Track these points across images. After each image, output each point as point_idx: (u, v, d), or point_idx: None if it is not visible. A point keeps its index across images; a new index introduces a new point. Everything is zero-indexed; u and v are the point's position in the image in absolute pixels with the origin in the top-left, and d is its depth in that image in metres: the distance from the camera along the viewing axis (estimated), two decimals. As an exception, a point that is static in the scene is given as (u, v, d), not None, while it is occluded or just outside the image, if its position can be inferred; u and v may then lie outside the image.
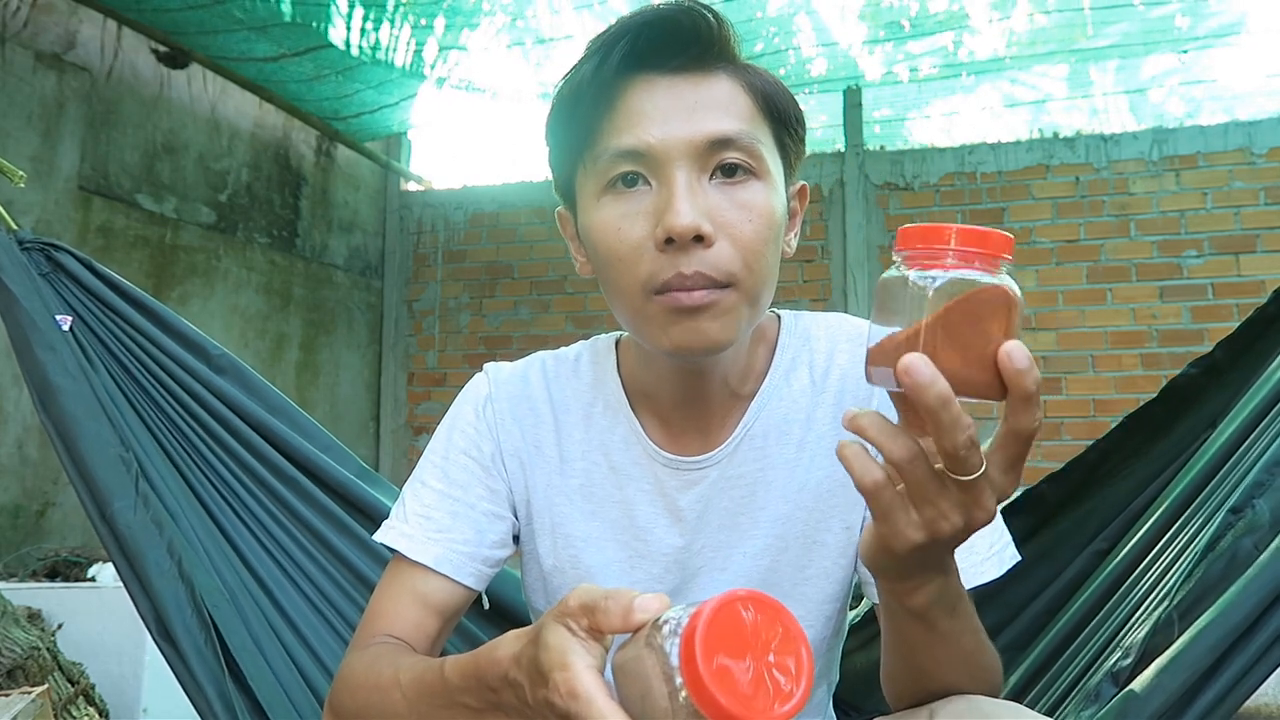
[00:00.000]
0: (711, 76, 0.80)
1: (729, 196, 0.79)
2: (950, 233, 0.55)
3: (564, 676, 0.54)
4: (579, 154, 0.83)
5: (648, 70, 0.80)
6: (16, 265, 1.33)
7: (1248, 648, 0.82)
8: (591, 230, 0.82)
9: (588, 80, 0.79)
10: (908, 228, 0.57)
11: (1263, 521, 0.91)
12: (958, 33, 3.98)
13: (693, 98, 0.79)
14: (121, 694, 2.31)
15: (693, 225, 0.75)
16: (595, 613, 0.56)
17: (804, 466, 0.89)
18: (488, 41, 3.95)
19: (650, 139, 0.78)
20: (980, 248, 0.55)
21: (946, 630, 0.69)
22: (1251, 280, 4.15)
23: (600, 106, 0.80)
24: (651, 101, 0.79)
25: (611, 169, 0.79)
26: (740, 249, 0.78)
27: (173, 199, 3.88)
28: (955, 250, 0.55)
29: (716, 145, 0.78)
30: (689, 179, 0.77)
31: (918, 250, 0.57)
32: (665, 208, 0.77)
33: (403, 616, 0.88)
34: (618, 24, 0.80)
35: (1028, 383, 0.54)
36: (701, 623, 0.50)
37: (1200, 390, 1.30)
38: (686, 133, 0.78)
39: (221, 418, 1.39)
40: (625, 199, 0.80)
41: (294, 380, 4.56)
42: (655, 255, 0.77)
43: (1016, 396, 0.55)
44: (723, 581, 0.90)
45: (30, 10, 3.28)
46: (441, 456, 0.95)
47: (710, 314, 0.78)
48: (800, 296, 4.70)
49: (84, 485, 1.23)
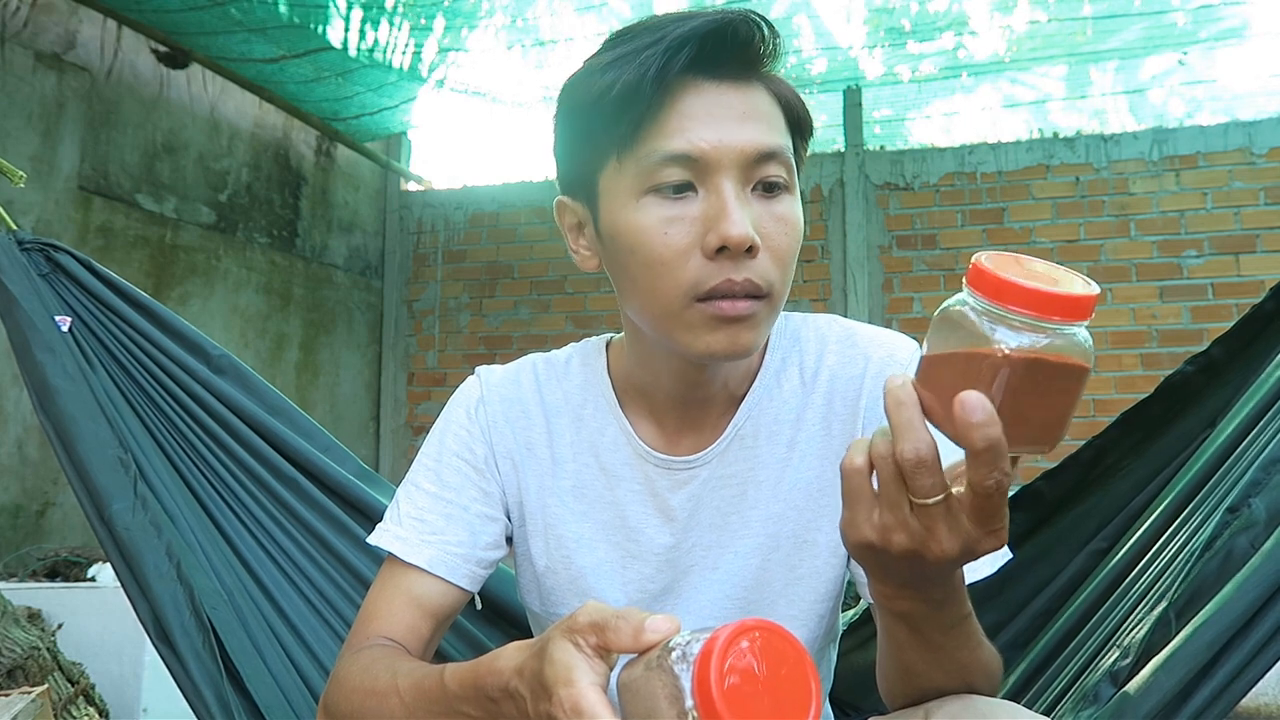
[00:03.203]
0: (752, 87, 0.81)
1: (768, 209, 0.80)
2: (1045, 297, 0.52)
3: (569, 693, 0.54)
4: (613, 151, 0.81)
5: (696, 75, 0.79)
6: (16, 266, 1.33)
7: (1243, 645, 0.82)
8: (628, 231, 0.80)
9: (645, 78, 0.77)
10: (1000, 278, 0.52)
11: (1259, 520, 0.91)
12: (958, 33, 3.98)
13: (741, 107, 0.79)
14: (121, 694, 2.32)
15: (748, 237, 0.76)
16: (605, 631, 0.56)
17: (794, 466, 0.90)
18: (487, 43, 3.96)
19: (704, 144, 0.77)
20: (1065, 316, 0.52)
21: (938, 643, 0.70)
22: (1251, 280, 4.15)
23: (652, 107, 0.78)
24: (703, 107, 0.78)
25: (658, 171, 0.78)
26: (777, 261, 0.80)
27: (173, 199, 3.89)
28: (1040, 314, 0.52)
29: (763, 158, 0.79)
30: (736, 189, 0.78)
31: (1010, 307, 0.53)
32: (719, 217, 0.77)
33: (397, 618, 0.88)
34: (672, 25, 0.78)
35: (977, 438, 0.52)
36: (718, 648, 0.51)
37: (1198, 389, 1.30)
38: (738, 142, 0.78)
39: (221, 418, 1.39)
40: (670, 203, 0.79)
41: (294, 380, 4.56)
42: (703, 262, 0.77)
43: (969, 449, 0.53)
44: (714, 581, 0.90)
45: (30, 10, 3.28)
46: (434, 459, 0.95)
47: (749, 324, 0.79)
48: (800, 296, 4.70)
49: (82, 486, 1.23)
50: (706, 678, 0.50)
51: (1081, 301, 0.52)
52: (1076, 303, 0.52)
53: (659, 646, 0.55)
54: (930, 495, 0.56)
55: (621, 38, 0.81)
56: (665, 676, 0.53)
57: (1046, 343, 0.52)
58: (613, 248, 0.83)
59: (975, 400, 0.52)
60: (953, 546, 0.58)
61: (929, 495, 0.56)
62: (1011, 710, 0.72)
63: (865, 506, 0.60)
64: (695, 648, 0.52)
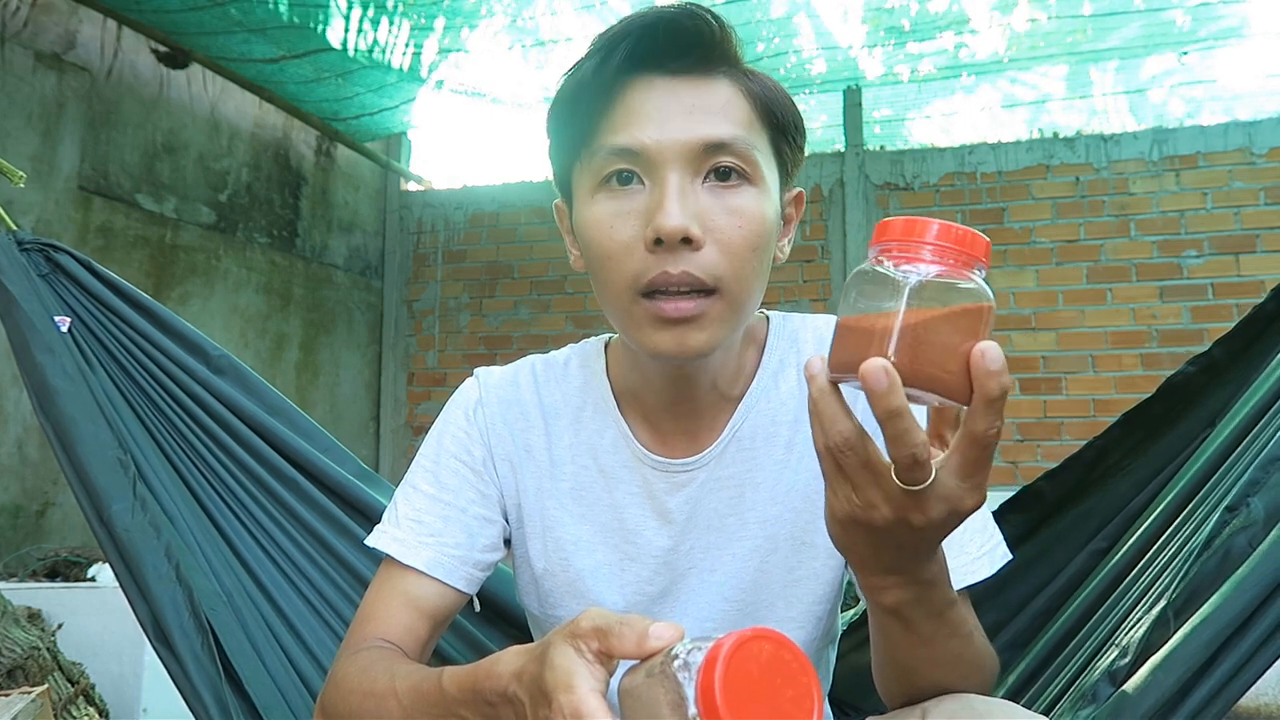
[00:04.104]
0: (711, 80, 0.81)
1: (721, 201, 0.79)
2: (931, 228, 0.55)
3: (569, 698, 0.54)
4: (577, 150, 0.83)
5: (648, 71, 0.80)
6: (15, 266, 1.33)
7: (1241, 644, 0.82)
8: (585, 226, 0.83)
9: (589, 77, 0.80)
10: (887, 220, 0.57)
11: (1257, 519, 0.91)
12: (958, 33, 3.98)
13: (690, 100, 0.79)
14: (121, 694, 2.32)
15: (681, 227, 0.76)
16: (608, 637, 0.56)
17: (792, 468, 0.90)
18: (487, 43, 3.96)
19: (645, 139, 0.78)
20: (960, 247, 0.55)
21: (929, 634, 0.70)
22: (1251, 280, 4.15)
23: (599, 104, 0.80)
24: (650, 102, 0.79)
25: (606, 166, 0.80)
26: (728, 254, 0.78)
27: (173, 199, 3.89)
28: (934, 247, 0.55)
29: (711, 149, 0.79)
30: (681, 181, 0.78)
31: (895, 244, 0.56)
32: (656, 208, 0.77)
33: (394, 620, 0.88)
34: (622, 23, 0.80)
35: (994, 386, 0.54)
36: (722, 657, 0.51)
37: (1198, 389, 1.29)
38: (682, 134, 0.78)
39: (220, 419, 1.38)
40: (618, 197, 0.80)
41: (294, 380, 4.56)
42: (644, 255, 0.78)
43: (981, 398, 0.54)
44: (712, 583, 0.90)
45: (30, 10, 3.29)
46: (432, 461, 0.95)
47: (696, 324, 0.79)
48: (800, 296, 4.70)
49: (82, 487, 1.23)
50: (710, 686, 0.50)
51: (956, 233, 0.55)
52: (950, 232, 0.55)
53: (662, 654, 0.55)
54: (925, 481, 0.57)
55: (595, 39, 0.83)
56: (668, 684, 0.53)
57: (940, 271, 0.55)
58: (581, 243, 0.85)
59: (993, 350, 0.53)
60: (935, 512, 0.59)
61: (923, 481, 0.57)
62: (1008, 709, 0.72)
63: (841, 484, 0.60)
64: (698, 656, 0.52)
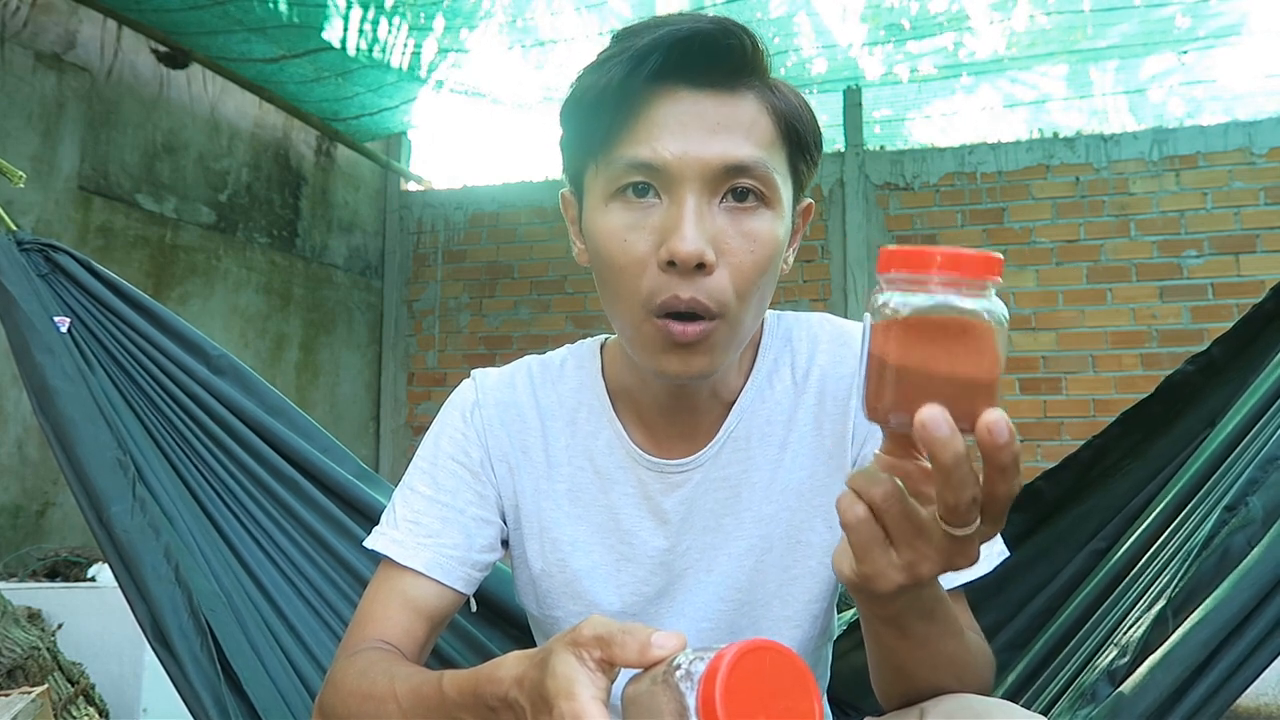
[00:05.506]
0: (737, 96, 0.79)
1: (736, 224, 0.78)
2: (935, 257, 0.53)
3: (570, 706, 0.54)
4: (594, 153, 0.82)
5: (674, 83, 0.78)
6: (15, 266, 1.33)
7: (1239, 643, 0.82)
8: (596, 233, 0.82)
9: (615, 84, 0.77)
10: (890, 250, 0.55)
11: (1255, 518, 0.91)
12: (958, 33, 3.98)
13: (715, 118, 0.77)
14: (121, 694, 2.32)
15: (696, 252, 0.75)
16: (610, 645, 0.56)
17: (786, 467, 0.90)
18: (487, 43, 3.95)
19: (667, 154, 0.77)
20: (961, 273, 0.53)
21: (922, 635, 0.69)
22: (1251, 280, 4.14)
23: (623, 113, 0.78)
24: (675, 116, 0.77)
25: (624, 177, 0.79)
26: (737, 278, 0.78)
27: (173, 199, 3.89)
28: (940, 272, 0.53)
29: (731, 171, 0.77)
30: (698, 202, 0.77)
31: (900, 274, 0.55)
32: (672, 229, 0.76)
33: (392, 621, 0.88)
34: (653, 31, 0.77)
35: (1005, 457, 0.52)
36: (723, 668, 0.51)
37: (1197, 388, 1.29)
38: (704, 153, 0.77)
39: (220, 419, 1.38)
40: (634, 209, 0.79)
41: (294, 380, 4.56)
42: (656, 273, 0.77)
43: (994, 468, 0.53)
44: (708, 583, 0.90)
45: (30, 10, 3.29)
46: (430, 462, 0.95)
47: (702, 348, 0.79)
48: (800, 296, 4.70)
49: (81, 488, 1.23)
50: (711, 696, 0.50)
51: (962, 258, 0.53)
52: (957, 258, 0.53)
53: (664, 663, 0.55)
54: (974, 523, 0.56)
55: (619, 38, 0.81)
56: (671, 693, 0.53)
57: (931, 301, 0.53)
58: (590, 249, 0.84)
59: (1000, 422, 0.52)
60: (976, 554, 0.58)
61: (973, 524, 0.56)
62: (1007, 709, 0.72)
63: (881, 553, 0.59)
64: (700, 666, 0.52)
